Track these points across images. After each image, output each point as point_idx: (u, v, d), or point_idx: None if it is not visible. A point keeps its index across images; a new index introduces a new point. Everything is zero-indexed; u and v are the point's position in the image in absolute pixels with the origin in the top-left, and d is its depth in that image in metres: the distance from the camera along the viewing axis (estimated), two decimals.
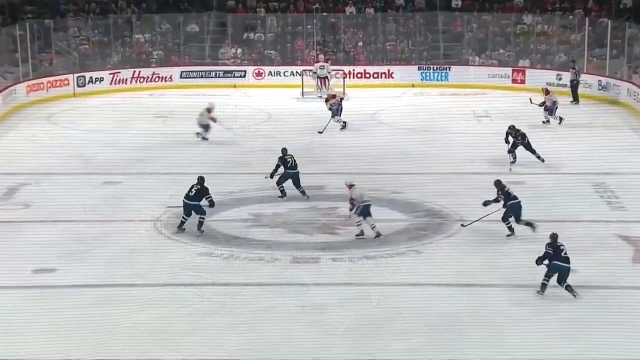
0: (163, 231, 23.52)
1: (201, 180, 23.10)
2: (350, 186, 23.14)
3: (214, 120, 32.12)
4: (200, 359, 16.68)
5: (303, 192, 25.77)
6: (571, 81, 38.53)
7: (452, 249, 22.42)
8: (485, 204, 22.79)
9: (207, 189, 23.03)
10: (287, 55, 44.71)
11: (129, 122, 35.69)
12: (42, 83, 40.03)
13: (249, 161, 29.20)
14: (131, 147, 31.37)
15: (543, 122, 33.97)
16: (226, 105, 36.47)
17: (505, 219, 22.69)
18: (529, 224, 22.68)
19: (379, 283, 20.39)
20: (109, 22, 44.30)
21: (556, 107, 34.08)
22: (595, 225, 23.62)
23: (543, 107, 34.13)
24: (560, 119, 33.89)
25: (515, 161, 28.32)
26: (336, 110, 33.88)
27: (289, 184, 25.58)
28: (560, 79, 40.43)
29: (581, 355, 16.72)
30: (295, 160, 25.76)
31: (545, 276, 19.08)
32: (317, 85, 40.23)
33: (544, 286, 19.06)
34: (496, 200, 22.67)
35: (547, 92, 34.72)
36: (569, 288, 18.87)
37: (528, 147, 28.60)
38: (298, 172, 25.81)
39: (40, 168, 28.79)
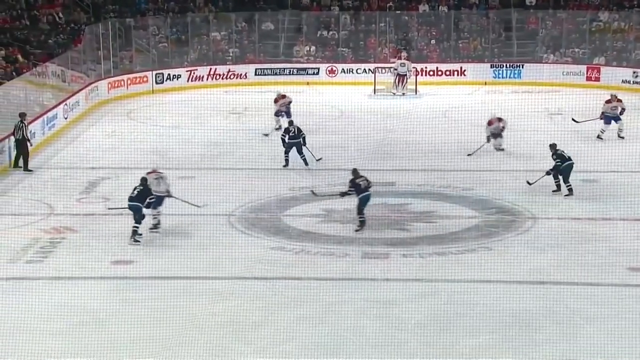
0: (237, 225, 23.71)
1: (143, 181, 22.78)
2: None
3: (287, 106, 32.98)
4: (271, 351, 16.76)
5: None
6: None
7: (523, 247, 22.25)
8: (548, 173, 25.21)
9: (149, 190, 22.65)
10: (360, 53, 44.73)
11: (204, 118, 35.99)
12: (123, 80, 40.64)
13: (322, 157, 29.29)
14: (206, 143, 31.61)
15: (598, 136, 32.11)
16: (300, 102, 36.61)
17: (556, 176, 25.30)
18: (570, 189, 25.13)
19: (449, 279, 20.37)
20: (186, 21, 44.62)
21: (616, 116, 32.18)
22: None
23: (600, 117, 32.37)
24: (620, 130, 32.22)
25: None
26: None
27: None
28: (637, 76, 39.96)
29: None
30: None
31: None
32: (395, 82, 40.20)
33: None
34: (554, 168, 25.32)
35: (609, 100, 32.52)
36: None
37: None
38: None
39: (120, 163, 29.20)
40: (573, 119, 32.21)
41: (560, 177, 25.22)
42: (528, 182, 25.54)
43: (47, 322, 17.52)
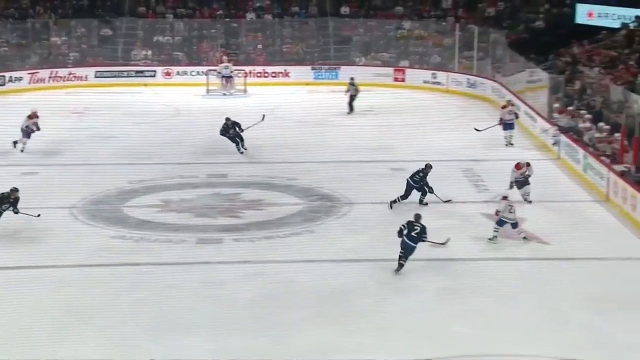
0: (79, 217, 23.25)
1: (14, 191, 21.73)
2: None
3: (35, 126, 29.92)
4: (111, 333, 16.45)
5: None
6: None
7: (341, 229, 22.52)
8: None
9: (17, 200, 21.63)
10: (194, 56, 44.53)
11: (46, 118, 35.02)
12: None
13: (159, 152, 29.01)
14: (48, 141, 30.76)
15: (507, 144, 30.20)
16: (138, 102, 36.23)
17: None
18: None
19: (276, 260, 20.48)
20: (27, 26, 43.53)
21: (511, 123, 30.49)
22: (464, 205, 23.98)
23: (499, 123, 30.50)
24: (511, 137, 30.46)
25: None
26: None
27: None
28: (435, 77, 41.01)
29: (456, 319, 17.03)
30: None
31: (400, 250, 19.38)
32: (222, 83, 40.36)
33: (399, 258, 19.19)
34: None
35: (505, 106, 31.24)
36: (402, 260, 19.21)
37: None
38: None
39: None
40: (475, 129, 29.91)
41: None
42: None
43: None
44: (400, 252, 19.20)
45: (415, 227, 19.20)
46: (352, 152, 29.15)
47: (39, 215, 21.70)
